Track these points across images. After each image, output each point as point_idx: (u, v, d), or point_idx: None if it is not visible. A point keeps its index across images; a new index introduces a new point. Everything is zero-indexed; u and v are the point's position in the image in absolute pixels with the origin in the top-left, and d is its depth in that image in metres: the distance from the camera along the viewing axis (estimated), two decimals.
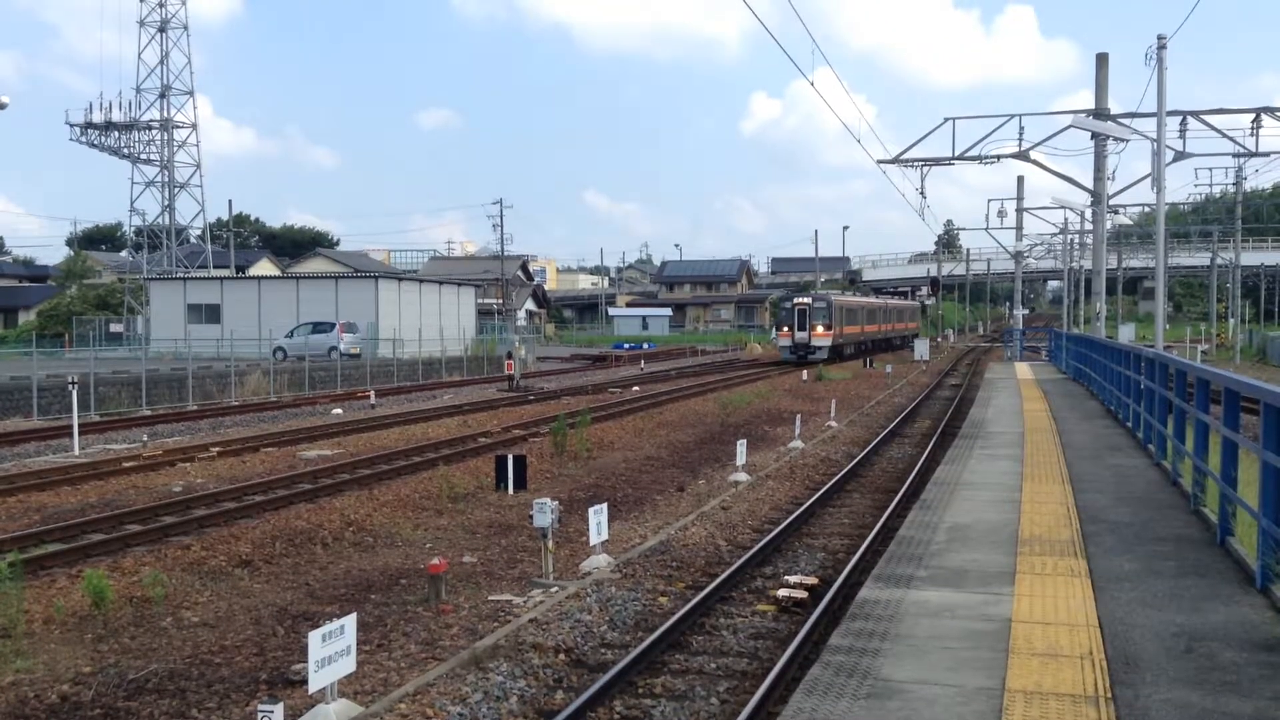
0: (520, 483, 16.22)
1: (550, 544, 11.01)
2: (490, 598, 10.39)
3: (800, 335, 52.15)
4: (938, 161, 32.54)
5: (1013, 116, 30.52)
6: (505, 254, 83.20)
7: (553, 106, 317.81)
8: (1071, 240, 57.47)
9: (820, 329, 51.84)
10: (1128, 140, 28.53)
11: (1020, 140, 30.61)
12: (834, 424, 25.39)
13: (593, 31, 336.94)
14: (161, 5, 64.98)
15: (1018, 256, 53.65)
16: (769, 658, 8.56)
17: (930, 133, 32.11)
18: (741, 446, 17.91)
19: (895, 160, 32.54)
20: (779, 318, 56.02)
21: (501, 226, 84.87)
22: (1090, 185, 31.52)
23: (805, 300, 53.37)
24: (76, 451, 21.05)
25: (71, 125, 64.52)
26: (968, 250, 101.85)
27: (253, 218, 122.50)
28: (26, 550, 11.92)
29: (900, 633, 6.50)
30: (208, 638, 9.25)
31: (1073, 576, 7.80)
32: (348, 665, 7.14)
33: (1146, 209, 56.88)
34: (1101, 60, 29.97)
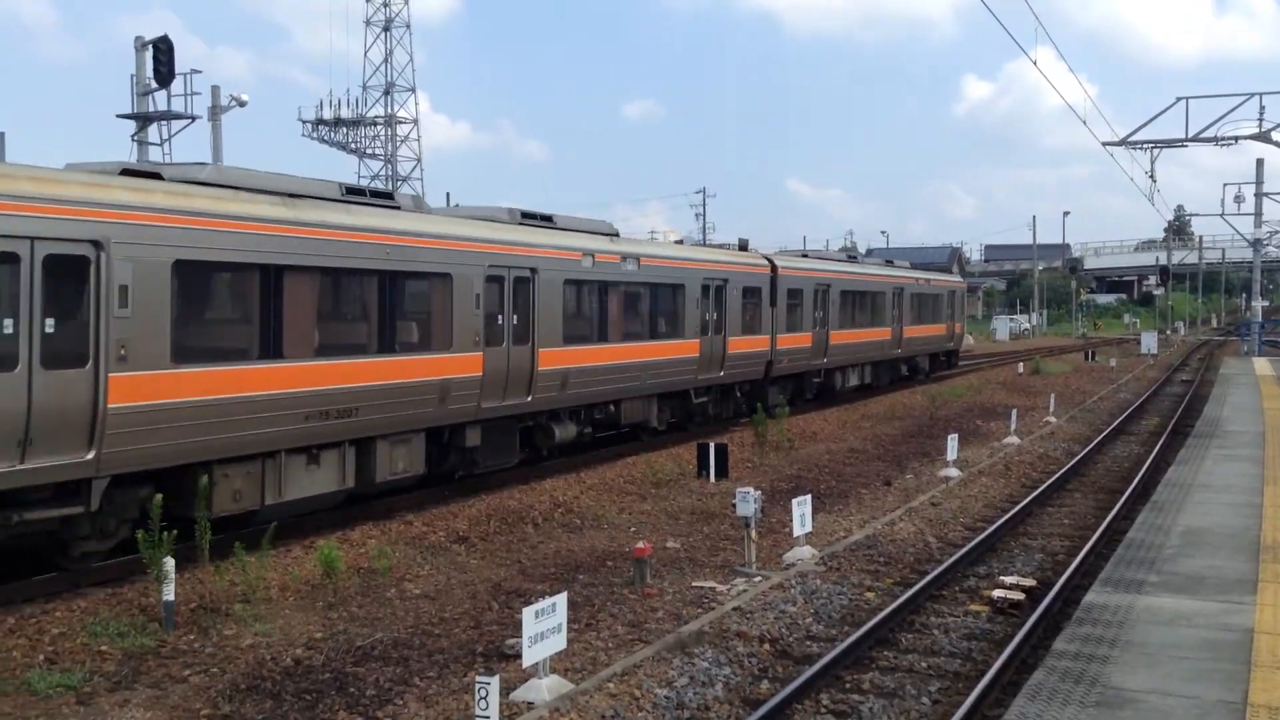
0: (722, 471, 16.24)
1: (753, 533, 10.98)
2: (694, 584, 10.46)
3: None
4: (1169, 143, 30.72)
5: (1252, 95, 28.54)
6: (707, 243, 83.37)
7: (754, 94, 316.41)
8: None
9: None
10: None
11: (1260, 120, 28.60)
12: (1052, 419, 24.29)
13: (797, 16, 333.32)
14: (386, 5, 68.21)
15: (1256, 244, 49.85)
16: (983, 659, 8.26)
17: (1161, 113, 30.10)
18: (953, 441, 17.36)
19: (1123, 142, 30.86)
20: None
21: (704, 215, 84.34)
22: None
23: None
24: None
25: (304, 122, 68.50)
26: (1200, 238, 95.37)
27: None
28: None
29: (1131, 640, 6.16)
30: (428, 609, 9.67)
31: None
32: (559, 642, 7.32)
33: None
34: None
